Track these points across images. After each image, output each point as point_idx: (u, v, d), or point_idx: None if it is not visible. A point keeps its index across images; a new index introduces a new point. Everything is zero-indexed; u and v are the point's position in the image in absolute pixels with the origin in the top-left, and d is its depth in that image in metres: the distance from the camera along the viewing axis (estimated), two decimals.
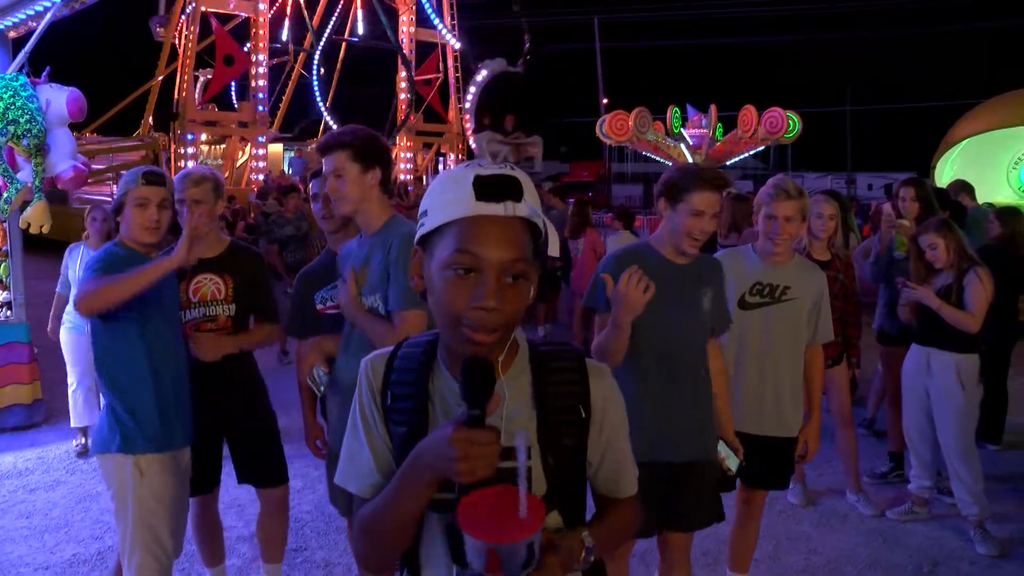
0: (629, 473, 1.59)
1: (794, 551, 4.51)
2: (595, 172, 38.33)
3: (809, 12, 45.38)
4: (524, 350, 1.49)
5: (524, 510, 1.25)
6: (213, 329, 3.49)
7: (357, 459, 1.51)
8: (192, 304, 3.46)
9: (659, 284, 2.91)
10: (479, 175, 1.34)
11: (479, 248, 1.31)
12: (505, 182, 1.34)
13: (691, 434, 3.04)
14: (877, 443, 6.09)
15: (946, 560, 4.41)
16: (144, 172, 3.20)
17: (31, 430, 6.63)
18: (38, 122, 5.26)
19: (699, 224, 2.93)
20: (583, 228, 9.22)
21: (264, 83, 22.26)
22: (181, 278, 3.39)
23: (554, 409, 1.46)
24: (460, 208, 1.33)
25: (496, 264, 1.31)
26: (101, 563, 4.36)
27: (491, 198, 1.32)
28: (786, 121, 19.60)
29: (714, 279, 3.11)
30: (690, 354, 3.05)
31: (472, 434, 1.25)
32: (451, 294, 1.34)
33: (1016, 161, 11.97)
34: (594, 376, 1.51)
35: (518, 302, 1.35)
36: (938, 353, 4.65)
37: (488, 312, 1.31)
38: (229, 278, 3.52)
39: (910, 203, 5.59)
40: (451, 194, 1.35)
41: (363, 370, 1.53)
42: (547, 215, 2.04)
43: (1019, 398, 6.61)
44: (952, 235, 4.61)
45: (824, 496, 5.24)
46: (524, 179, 1.37)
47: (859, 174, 42.06)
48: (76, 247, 6.26)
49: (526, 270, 1.34)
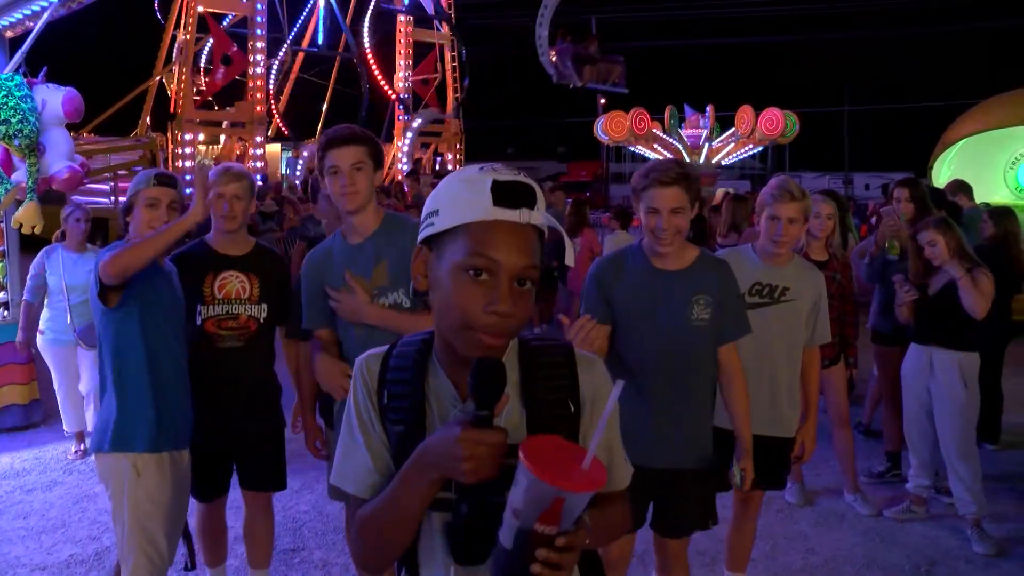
0: (621, 466, 1.58)
1: (792, 551, 4.51)
2: (593, 172, 38.40)
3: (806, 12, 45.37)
4: (514, 346, 1.50)
5: (589, 462, 1.23)
6: (235, 328, 3.47)
7: (354, 459, 1.50)
8: (216, 300, 3.45)
9: (641, 290, 2.94)
10: (497, 180, 1.35)
11: (495, 253, 1.33)
12: (522, 189, 1.35)
13: (675, 442, 2.97)
14: (874, 443, 6.10)
15: (943, 559, 4.41)
16: (156, 174, 3.23)
17: (28, 431, 6.63)
18: (30, 122, 5.24)
19: (655, 221, 2.88)
20: (580, 228, 9.23)
21: (262, 83, 22.21)
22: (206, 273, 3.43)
23: (543, 404, 1.46)
24: (476, 211, 1.34)
25: (511, 269, 1.33)
26: (98, 563, 4.36)
27: (509, 204, 1.34)
28: (783, 121, 19.64)
29: (711, 285, 2.97)
30: (676, 361, 2.95)
31: (480, 435, 1.25)
32: (464, 297, 1.34)
33: (1013, 161, 11.98)
34: (583, 369, 1.51)
35: (527, 307, 1.37)
36: (940, 352, 4.66)
37: (502, 317, 1.33)
38: (255, 278, 3.51)
39: (904, 204, 5.60)
40: (466, 197, 1.36)
41: (358, 369, 1.53)
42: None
43: (1015, 398, 6.62)
44: (951, 233, 4.61)
45: (821, 496, 5.24)
46: (537, 188, 1.39)
47: (856, 174, 42.11)
48: (52, 249, 6.01)
49: (536, 277, 1.37)
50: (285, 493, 4.38)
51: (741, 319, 3.09)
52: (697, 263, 3.01)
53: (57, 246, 6.02)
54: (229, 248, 3.50)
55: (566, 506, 1.19)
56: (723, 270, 3.05)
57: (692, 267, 2.99)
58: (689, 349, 2.97)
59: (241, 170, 3.57)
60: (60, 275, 5.87)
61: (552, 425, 1.45)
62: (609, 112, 20.42)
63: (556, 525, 1.20)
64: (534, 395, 1.46)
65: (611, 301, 3.01)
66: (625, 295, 2.99)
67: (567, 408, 1.48)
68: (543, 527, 1.20)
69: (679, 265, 2.98)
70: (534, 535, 1.20)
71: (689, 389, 3.00)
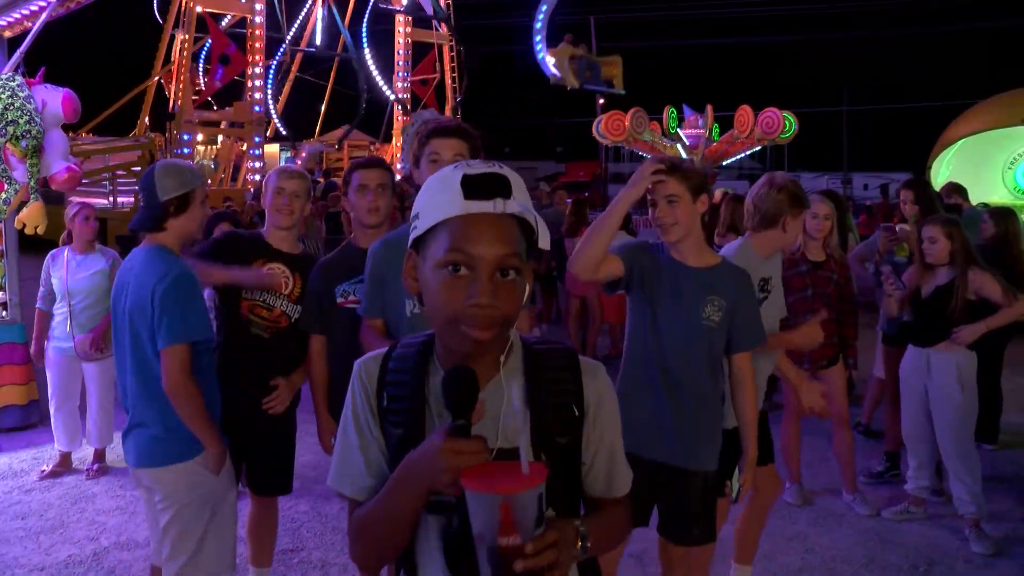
0: (622, 473, 1.58)
1: (790, 550, 4.51)
2: (591, 172, 38.33)
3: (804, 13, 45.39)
4: (519, 349, 1.50)
5: (527, 467, 1.23)
6: (266, 319, 3.52)
7: (350, 462, 1.50)
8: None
9: (660, 282, 2.97)
10: (467, 174, 1.35)
11: (471, 246, 1.32)
12: (493, 179, 1.35)
13: (676, 436, 2.98)
14: (874, 443, 6.10)
15: (942, 559, 4.42)
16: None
17: (27, 431, 6.60)
18: (37, 123, 5.23)
19: (652, 213, 3.02)
20: (580, 227, 9.22)
21: (260, 83, 22.22)
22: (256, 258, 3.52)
23: (548, 408, 1.46)
24: (450, 208, 1.34)
25: (488, 260, 1.33)
26: (96, 564, 4.36)
27: (480, 196, 1.33)
28: (782, 121, 19.61)
29: (727, 290, 2.98)
30: (682, 357, 2.97)
31: (459, 444, 1.24)
32: (446, 293, 1.34)
33: (1012, 161, 11.98)
34: (587, 375, 1.52)
35: (513, 298, 1.35)
36: (937, 353, 4.65)
37: (483, 308, 1.32)
38: (298, 278, 3.55)
39: (910, 206, 5.60)
40: (441, 195, 1.36)
41: (356, 372, 1.53)
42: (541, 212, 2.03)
43: (1013, 398, 6.63)
44: (958, 233, 4.60)
45: (820, 496, 5.24)
46: (513, 177, 1.38)
47: (855, 174, 42.08)
48: (58, 253, 5.73)
49: (518, 266, 1.36)
50: None
51: (756, 328, 3.10)
52: (718, 267, 3.04)
53: (64, 248, 5.73)
54: (281, 244, 3.59)
55: (516, 510, 1.19)
56: (742, 279, 3.08)
57: (712, 269, 3.03)
58: (695, 347, 2.98)
59: (300, 170, 3.74)
60: (62, 278, 5.60)
61: (556, 428, 1.46)
62: (608, 112, 20.41)
63: (516, 533, 1.19)
64: (540, 398, 1.46)
65: (642, 278, 3.02)
66: (651, 278, 3.01)
67: (571, 412, 1.48)
68: (506, 539, 1.19)
69: (699, 264, 3.02)
70: (502, 552, 1.20)
71: (691, 386, 2.99)
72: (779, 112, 19.68)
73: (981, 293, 4.55)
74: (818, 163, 43.22)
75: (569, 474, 1.51)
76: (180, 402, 2.89)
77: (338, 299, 3.33)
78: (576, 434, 1.49)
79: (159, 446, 3.00)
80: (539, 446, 1.43)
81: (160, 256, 3.00)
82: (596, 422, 1.51)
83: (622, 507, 1.60)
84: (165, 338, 2.87)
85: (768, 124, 19.63)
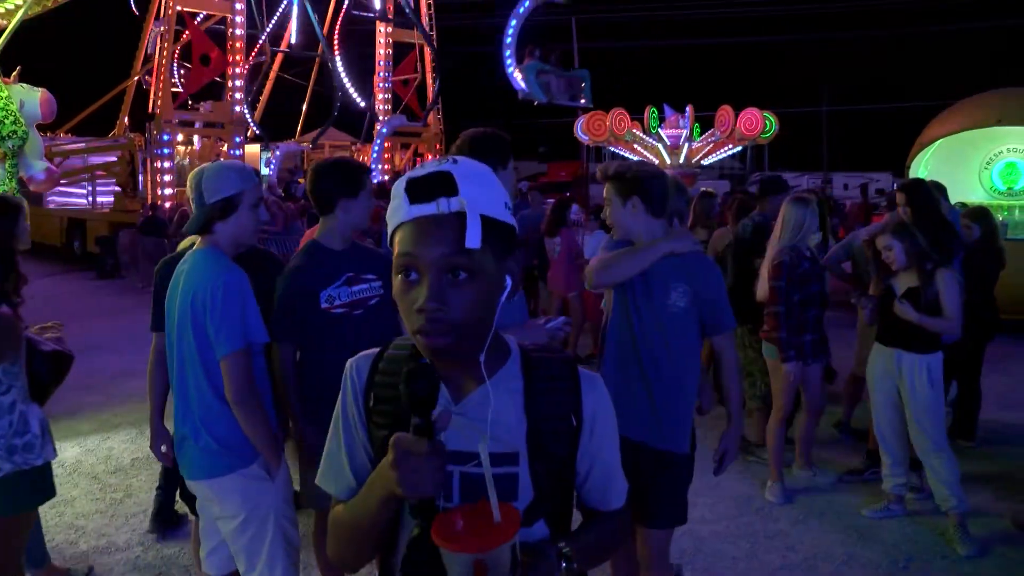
0: (618, 485, 1.57)
1: (771, 549, 4.53)
2: (573, 172, 38.38)
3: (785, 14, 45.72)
4: (516, 356, 1.47)
5: (498, 515, 1.22)
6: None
7: (336, 461, 1.50)
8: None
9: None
10: (410, 178, 1.33)
11: (414, 249, 1.30)
12: (435, 179, 1.30)
13: (644, 414, 3.14)
14: (855, 442, 6.14)
15: (921, 556, 4.45)
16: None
17: None
18: (22, 124, 5.18)
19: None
20: (559, 227, 9.22)
21: (241, 83, 22.09)
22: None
23: (545, 417, 1.43)
24: (399, 215, 1.33)
25: (432, 263, 1.29)
26: (76, 568, 4.31)
27: (422, 199, 1.30)
28: (763, 121, 19.77)
29: (689, 276, 3.15)
30: (649, 342, 3.15)
31: (408, 443, 1.22)
32: (400, 300, 1.33)
33: (988, 161, 12.09)
34: (586, 385, 1.48)
35: (467, 301, 1.29)
36: (907, 355, 4.67)
37: (430, 312, 1.28)
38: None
39: (902, 209, 5.64)
40: (394, 202, 1.35)
41: (348, 371, 1.51)
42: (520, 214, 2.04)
43: (991, 396, 6.69)
44: (908, 237, 4.64)
45: (800, 494, 5.27)
46: (462, 172, 1.31)
47: (835, 174, 42.41)
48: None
49: (469, 265, 1.29)
50: None
51: (720, 313, 3.24)
52: (686, 256, 3.19)
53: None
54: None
55: (490, 563, 1.19)
56: (705, 266, 3.25)
57: (677, 259, 3.17)
58: (664, 331, 3.15)
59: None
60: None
61: (552, 437, 1.43)
62: (589, 112, 20.47)
63: None
64: (536, 407, 1.43)
65: None
66: None
67: (569, 422, 1.45)
68: None
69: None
70: None
71: (664, 369, 3.16)
72: (759, 112, 19.86)
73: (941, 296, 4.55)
74: (799, 163, 43.56)
75: (563, 485, 1.49)
76: (245, 410, 2.79)
77: (323, 305, 3.22)
78: (572, 445, 1.46)
79: (212, 457, 2.90)
80: (534, 455, 1.41)
81: (210, 259, 2.88)
82: (593, 434, 1.48)
83: (617, 519, 1.58)
84: (224, 346, 2.76)
85: (749, 124, 19.80)
